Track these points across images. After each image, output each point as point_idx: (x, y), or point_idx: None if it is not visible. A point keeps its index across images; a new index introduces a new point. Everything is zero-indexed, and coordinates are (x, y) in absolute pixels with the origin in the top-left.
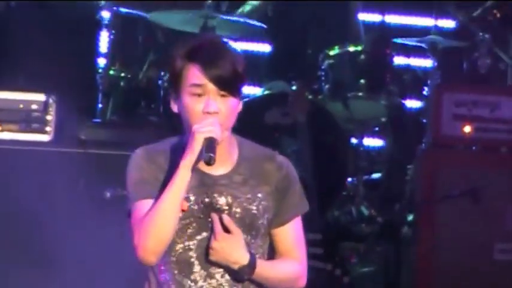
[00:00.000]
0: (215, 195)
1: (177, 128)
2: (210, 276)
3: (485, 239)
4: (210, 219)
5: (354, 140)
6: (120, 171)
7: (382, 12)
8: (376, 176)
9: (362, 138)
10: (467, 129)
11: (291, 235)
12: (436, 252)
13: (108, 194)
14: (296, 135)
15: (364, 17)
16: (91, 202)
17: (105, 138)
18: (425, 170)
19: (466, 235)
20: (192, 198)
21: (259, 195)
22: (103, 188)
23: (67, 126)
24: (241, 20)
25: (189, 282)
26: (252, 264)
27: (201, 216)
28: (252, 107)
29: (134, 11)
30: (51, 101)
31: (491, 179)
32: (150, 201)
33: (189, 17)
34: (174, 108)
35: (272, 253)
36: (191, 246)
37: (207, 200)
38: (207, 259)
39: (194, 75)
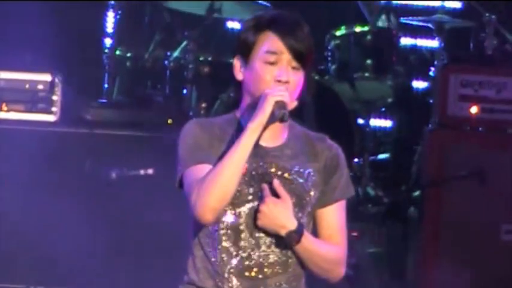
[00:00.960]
0: (267, 165)
1: (182, 109)
2: (258, 245)
3: (492, 219)
4: (260, 190)
5: (360, 121)
6: (126, 152)
7: None
8: (382, 156)
9: (368, 118)
10: (473, 109)
11: (335, 219)
12: (442, 233)
13: (114, 175)
14: (302, 116)
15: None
16: (97, 182)
17: (111, 118)
18: (432, 151)
19: (472, 216)
20: (246, 166)
21: (309, 170)
22: (109, 168)
23: (73, 107)
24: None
25: (237, 249)
26: (299, 231)
27: (252, 185)
28: None
29: None
30: (57, 81)
31: (497, 160)
32: (205, 166)
33: None
34: (239, 75)
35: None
36: (241, 214)
37: (259, 169)
38: (256, 228)
39: (272, 42)
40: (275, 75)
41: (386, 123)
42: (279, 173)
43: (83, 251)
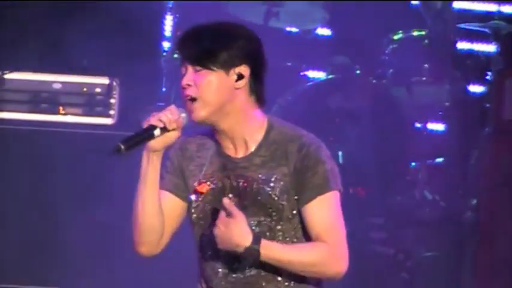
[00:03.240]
0: (234, 178)
1: None
2: (237, 260)
3: None
4: (234, 203)
5: (417, 125)
6: None
7: None
8: (439, 160)
9: (425, 123)
10: None
11: (317, 216)
12: (499, 238)
13: None
14: (359, 120)
15: (429, 2)
16: None
17: None
18: (488, 155)
19: None
20: (214, 182)
21: (276, 176)
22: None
23: (131, 110)
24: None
25: (218, 266)
26: (255, 245)
27: (221, 200)
28: (315, 92)
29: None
30: (114, 84)
31: None
32: (162, 192)
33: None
34: None
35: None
36: (214, 232)
37: (228, 183)
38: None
39: (179, 56)
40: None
41: (443, 127)
42: (247, 185)
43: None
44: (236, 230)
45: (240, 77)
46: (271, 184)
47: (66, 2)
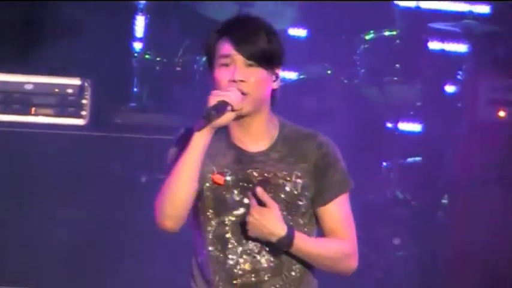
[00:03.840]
0: (251, 171)
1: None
2: (246, 252)
3: None
4: (244, 197)
5: (389, 125)
6: (156, 156)
7: None
8: (411, 160)
9: (397, 122)
10: (502, 113)
11: (336, 214)
12: (471, 236)
13: (143, 178)
14: (331, 120)
15: (399, 2)
16: (126, 186)
17: (141, 122)
18: (461, 155)
19: (501, 220)
20: (228, 174)
21: (297, 172)
22: (138, 172)
23: (102, 111)
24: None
25: (224, 258)
26: (290, 235)
27: (236, 192)
28: (288, 92)
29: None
30: (86, 85)
31: None
32: None
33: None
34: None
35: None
36: (226, 222)
37: (243, 176)
38: (242, 235)
39: (223, 47)
40: (229, 76)
41: (415, 127)
42: (264, 179)
43: (109, 253)
44: (271, 219)
45: (276, 77)
46: (293, 179)
47: (41, 2)
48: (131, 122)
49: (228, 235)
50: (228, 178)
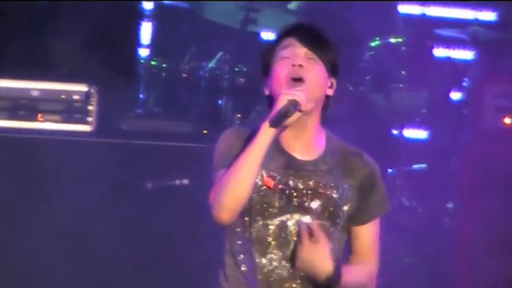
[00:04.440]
0: (300, 179)
1: (217, 119)
2: (286, 258)
3: None
4: (291, 204)
5: (394, 131)
6: (162, 162)
7: (423, 4)
8: (416, 167)
9: (403, 129)
10: (507, 120)
11: (370, 236)
12: (476, 244)
13: (149, 185)
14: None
15: (405, 8)
16: (132, 193)
17: (147, 128)
18: (467, 162)
19: (507, 227)
20: (277, 178)
21: (344, 185)
22: (145, 178)
23: (109, 117)
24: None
25: (264, 261)
26: (337, 275)
27: (283, 198)
28: None
29: (176, 2)
30: (93, 91)
31: None
32: None
33: (230, 9)
34: (265, 91)
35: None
36: (270, 226)
37: (291, 182)
38: (284, 241)
39: (285, 41)
40: (291, 72)
41: (421, 134)
42: (313, 186)
43: (115, 261)
44: (321, 257)
45: (332, 85)
46: (340, 191)
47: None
48: (137, 128)
49: (270, 239)
50: (277, 182)
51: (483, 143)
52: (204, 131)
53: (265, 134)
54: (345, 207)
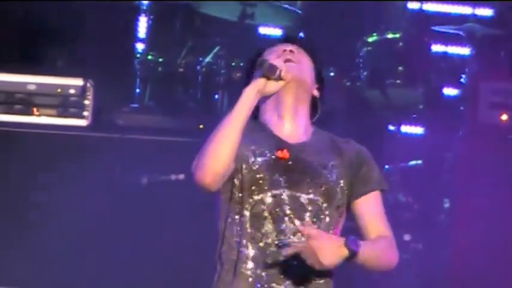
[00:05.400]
0: (290, 158)
1: (214, 114)
2: (282, 232)
3: None
4: (281, 178)
5: (391, 127)
6: (157, 157)
7: (421, 0)
8: (413, 163)
9: (399, 125)
10: (504, 117)
11: (373, 207)
12: (472, 240)
13: (145, 180)
14: (333, 122)
15: (402, 4)
16: (128, 187)
17: (143, 123)
18: (463, 158)
19: (502, 224)
20: (265, 152)
21: (332, 162)
22: (140, 173)
23: (104, 111)
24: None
25: (260, 236)
26: (352, 252)
27: (274, 173)
28: None
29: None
30: (88, 85)
31: None
32: None
33: (227, 4)
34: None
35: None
36: (264, 201)
37: (282, 162)
38: (278, 215)
39: (277, 43)
40: (281, 55)
41: (417, 130)
42: (302, 165)
43: (110, 255)
44: (327, 249)
45: (318, 89)
46: (329, 168)
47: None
48: (133, 123)
49: (265, 213)
50: (266, 159)
51: (479, 140)
52: (200, 126)
53: (247, 95)
54: (339, 183)
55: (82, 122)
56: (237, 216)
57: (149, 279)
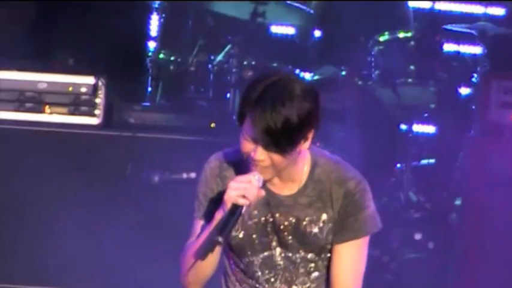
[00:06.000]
0: (278, 215)
1: (225, 113)
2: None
3: None
4: (273, 239)
5: (403, 126)
6: (169, 155)
7: None
8: (424, 162)
9: (411, 124)
10: None
11: (347, 260)
12: (483, 239)
13: (156, 178)
14: (345, 121)
15: (414, 3)
16: (139, 186)
17: (154, 122)
18: (474, 157)
19: None
20: (257, 215)
21: (323, 217)
22: (151, 171)
23: (116, 110)
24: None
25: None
26: None
27: (265, 234)
28: None
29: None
30: (100, 83)
31: None
32: (202, 223)
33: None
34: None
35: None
36: (255, 262)
37: (270, 219)
38: (270, 275)
39: (248, 126)
40: (251, 152)
41: (429, 129)
42: (292, 222)
43: (120, 254)
44: None
45: (306, 139)
46: (320, 225)
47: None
48: (145, 121)
49: (257, 274)
50: (256, 220)
51: (490, 139)
52: (212, 125)
53: (219, 215)
54: (328, 238)
55: (93, 121)
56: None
57: (159, 278)
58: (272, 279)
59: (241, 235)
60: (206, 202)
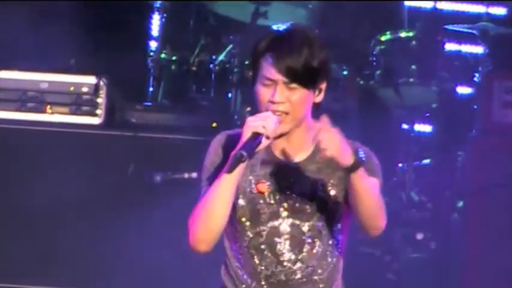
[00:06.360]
0: (289, 182)
1: (227, 112)
2: (282, 263)
3: None
4: (281, 207)
5: (404, 126)
6: (170, 155)
7: None
8: (426, 162)
9: (413, 124)
10: None
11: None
12: (486, 240)
13: (158, 178)
14: (346, 121)
15: (415, 3)
16: (141, 185)
17: (156, 121)
18: (475, 157)
19: None
20: (267, 184)
21: (332, 181)
22: (153, 171)
23: (118, 109)
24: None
25: (260, 268)
26: (358, 161)
27: (272, 203)
28: None
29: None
30: (102, 83)
31: None
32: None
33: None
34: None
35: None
36: (262, 233)
37: (281, 187)
38: (278, 246)
39: (266, 67)
40: (270, 96)
41: (431, 128)
42: (303, 189)
43: (122, 253)
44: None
45: (320, 91)
46: (329, 189)
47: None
48: (146, 121)
49: (263, 246)
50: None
51: (492, 138)
52: (214, 124)
53: (234, 163)
54: (339, 198)
55: (95, 120)
56: (236, 248)
57: (162, 277)
58: (278, 252)
59: (249, 205)
60: (214, 169)
